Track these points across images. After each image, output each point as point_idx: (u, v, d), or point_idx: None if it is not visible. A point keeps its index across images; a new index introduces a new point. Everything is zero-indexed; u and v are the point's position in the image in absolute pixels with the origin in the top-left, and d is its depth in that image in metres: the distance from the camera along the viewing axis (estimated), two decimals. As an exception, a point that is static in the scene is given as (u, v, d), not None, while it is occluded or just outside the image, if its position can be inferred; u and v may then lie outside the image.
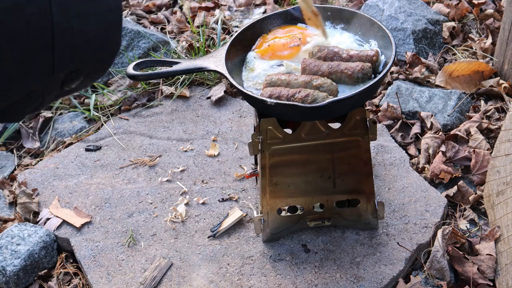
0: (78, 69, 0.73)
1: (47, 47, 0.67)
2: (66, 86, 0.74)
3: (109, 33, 0.75)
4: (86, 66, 0.74)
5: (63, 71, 0.71)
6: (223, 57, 1.78)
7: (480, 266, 1.89)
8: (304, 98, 1.62)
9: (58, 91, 0.75)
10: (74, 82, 0.75)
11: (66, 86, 0.74)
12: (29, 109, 0.75)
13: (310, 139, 1.81)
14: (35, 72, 0.69)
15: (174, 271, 1.96)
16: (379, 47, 1.83)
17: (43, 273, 2.04)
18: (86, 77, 0.76)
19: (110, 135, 2.52)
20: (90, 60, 0.75)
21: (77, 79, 0.75)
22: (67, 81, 0.74)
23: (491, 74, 2.64)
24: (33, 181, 2.33)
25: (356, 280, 1.86)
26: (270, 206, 1.89)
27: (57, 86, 0.73)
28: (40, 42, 0.67)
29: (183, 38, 3.03)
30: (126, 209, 2.18)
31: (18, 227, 2.10)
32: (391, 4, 2.94)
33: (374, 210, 1.94)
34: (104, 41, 0.75)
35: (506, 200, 1.99)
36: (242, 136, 2.46)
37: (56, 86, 0.73)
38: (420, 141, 2.36)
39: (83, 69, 0.74)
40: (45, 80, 0.70)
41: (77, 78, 0.75)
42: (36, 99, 0.73)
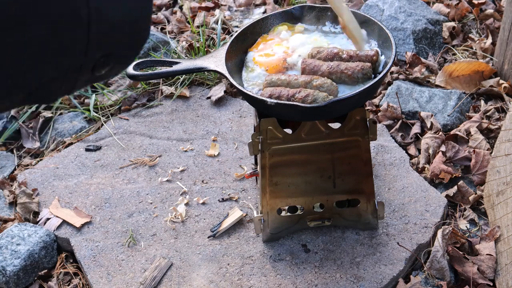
0: (109, 53, 0.75)
1: (83, 24, 0.69)
2: (97, 71, 0.76)
3: (140, 18, 0.77)
4: (117, 50, 0.76)
5: (97, 52, 0.73)
6: (223, 57, 1.78)
7: (480, 266, 1.89)
8: (304, 98, 1.62)
9: (90, 75, 0.76)
10: (105, 67, 0.77)
11: (97, 71, 0.76)
12: (62, 90, 0.77)
13: (310, 139, 1.81)
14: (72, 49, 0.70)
15: (174, 271, 1.96)
16: (379, 47, 1.83)
17: (43, 273, 2.04)
18: (116, 64, 0.78)
19: (110, 135, 2.52)
20: (121, 44, 0.77)
21: (108, 64, 0.77)
22: (98, 65, 0.75)
23: (491, 74, 2.64)
24: (33, 181, 2.33)
25: (356, 280, 1.86)
26: (270, 206, 1.90)
27: (89, 69, 0.75)
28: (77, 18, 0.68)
29: (183, 38, 3.03)
30: (126, 209, 2.18)
31: (18, 227, 2.10)
32: (391, 4, 2.94)
33: (374, 210, 1.94)
34: (135, 26, 0.77)
35: (506, 200, 1.99)
36: (242, 136, 2.46)
37: (88, 68, 0.75)
38: (420, 141, 2.36)
39: (114, 53, 0.76)
40: (80, 58, 0.72)
41: (108, 63, 0.76)
42: (70, 79, 0.75)
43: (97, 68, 0.76)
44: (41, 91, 0.75)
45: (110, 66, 0.78)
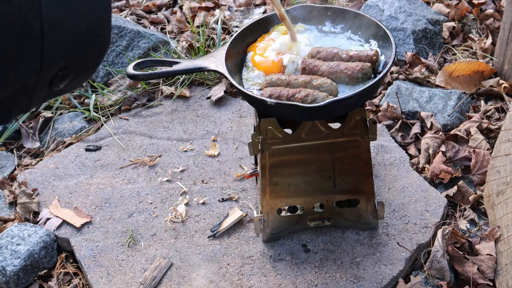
0: (67, 66, 0.71)
1: (36, 40, 0.65)
2: (55, 86, 0.73)
3: (99, 29, 0.73)
4: (75, 63, 0.73)
5: (53, 67, 0.70)
6: (223, 57, 1.78)
7: (480, 266, 1.89)
8: (304, 98, 1.62)
9: (47, 91, 0.73)
10: (63, 81, 0.73)
11: (54, 85, 0.72)
12: (17, 109, 0.73)
13: (310, 139, 1.81)
14: (24, 66, 0.67)
15: (174, 271, 1.96)
16: (379, 47, 1.83)
17: (43, 273, 2.04)
18: (75, 77, 0.75)
19: (110, 135, 2.52)
20: (79, 56, 0.73)
21: (66, 78, 0.73)
22: (56, 80, 0.72)
23: (491, 74, 2.64)
24: (33, 181, 2.33)
25: (356, 280, 1.86)
26: (270, 206, 1.89)
27: (46, 85, 0.71)
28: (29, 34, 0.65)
29: (183, 38, 3.03)
30: (126, 209, 2.18)
31: (18, 227, 2.10)
32: (391, 4, 2.94)
33: (374, 210, 1.94)
34: (93, 37, 0.73)
35: (506, 200, 1.99)
36: (242, 136, 2.46)
37: (45, 84, 0.71)
38: (420, 141, 2.36)
39: (72, 66, 0.72)
40: (34, 76, 0.68)
41: (66, 77, 0.73)
42: (24, 98, 0.71)
43: (55, 83, 0.72)
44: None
45: (70, 79, 0.74)
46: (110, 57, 2.84)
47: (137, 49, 2.87)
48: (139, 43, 2.88)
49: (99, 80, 2.81)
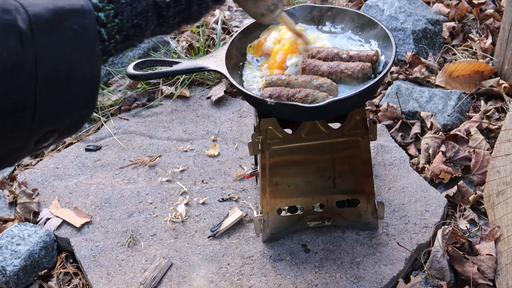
0: (53, 130, 0.78)
1: (29, 112, 0.72)
2: (39, 144, 0.79)
3: (87, 99, 0.80)
4: (61, 128, 0.79)
5: (40, 133, 0.76)
6: (223, 57, 1.78)
7: (480, 266, 1.89)
8: (304, 98, 1.62)
9: (32, 148, 0.79)
10: (48, 140, 0.80)
11: (39, 144, 0.79)
12: (5, 165, 0.80)
13: (310, 139, 1.81)
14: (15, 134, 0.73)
15: (174, 271, 1.96)
16: (379, 47, 1.83)
17: (43, 273, 2.04)
18: (59, 136, 0.81)
19: (110, 135, 2.52)
20: (65, 122, 0.79)
21: (51, 138, 0.80)
22: (41, 140, 0.78)
23: (491, 74, 2.64)
24: (33, 181, 2.33)
25: (356, 280, 1.86)
26: (270, 206, 1.90)
27: (32, 144, 0.78)
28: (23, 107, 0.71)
29: (183, 38, 3.03)
30: (126, 209, 2.18)
31: (18, 227, 2.10)
32: (391, 4, 2.94)
33: (374, 210, 1.94)
34: (81, 106, 0.80)
35: (506, 200, 1.99)
36: (242, 136, 2.46)
37: (31, 144, 0.78)
38: (420, 141, 2.36)
39: (58, 130, 0.79)
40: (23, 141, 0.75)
41: (51, 137, 0.79)
42: (12, 157, 0.78)
43: (40, 142, 0.79)
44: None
45: (54, 138, 0.80)
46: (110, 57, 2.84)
47: (137, 49, 2.87)
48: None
49: (99, 80, 2.81)
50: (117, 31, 0.85)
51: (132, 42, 0.90)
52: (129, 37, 0.88)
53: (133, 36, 0.89)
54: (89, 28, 0.77)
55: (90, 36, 0.77)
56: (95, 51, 0.78)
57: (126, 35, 0.87)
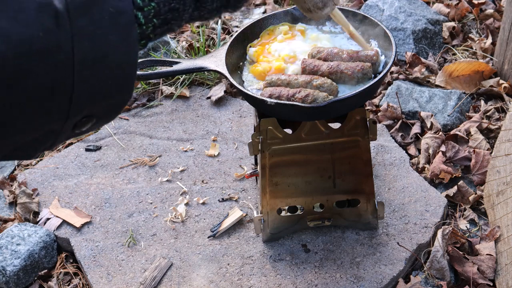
0: (91, 114, 0.78)
1: (66, 94, 0.72)
2: (77, 129, 0.79)
3: (124, 84, 0.79)
4: (98, 113, 0.79)
5: (77, 116, 0.76)
6: (223, 57, 1.78)
7: (480, 266, 1.89)
8: (304, 98, 1.62)
9: (70, 133, 0.79)
10: (86, 125, 0.79)
11: (77, 129, 0.79)
12: (42, 149, 0.79)
13: (310, 139, 1.81)
14: (53, 115, 0.73)
15: (174, 271, 1.96)
16: (379, 47, 1.82)
17: (43, 273, 2.04)
18: (97, 121, 0.81)
19: (110, 135, 2.52)
20: (102, 107, 0.79)
21: (89, 123, 0.79)
22: (79, 125, 0.78)
23: (491, 74, 2.64)
24: (33, 181, 2.33)
25: (356, 280, 1.86)
26: (270, 206, 1.89)
27: (69, 129, 0.77)
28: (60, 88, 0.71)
29: (183, 38, 3.03)
30: (126, 209, 2.18)
31: (18, 227, 2.10)
32: (391, 4, 2.94)
33: (374, 210, 1.94)
34: (118, 90, 0.79)
35: (506, 200, 1.99)
36: (242, 136, 2.46)
37: (68, 128, 0.77)
38: (420, 141, 2.36)
39: (95, 115, 0.79)
40: (60, 123, 0.75)
41: (88, 122, 0.79)
42: (49, 139, 0.78)
43: (77, 127, 0.78)
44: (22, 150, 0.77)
45: (92, 123, 0.80)
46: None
47: (137, 49, 2.86)
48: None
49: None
50: (154, 15, 0.84)
51: (170, 27, 0.89)
52: (167, 21, 0.87)
53: (171, 20, 0.88)
54: (125, 11, 0.76)
55: (126, 19, 0.76)
56: (132, 35, 0.77)
57: (164, 19, 0.86)
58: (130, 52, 0.77)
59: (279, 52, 1.82)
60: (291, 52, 1.81)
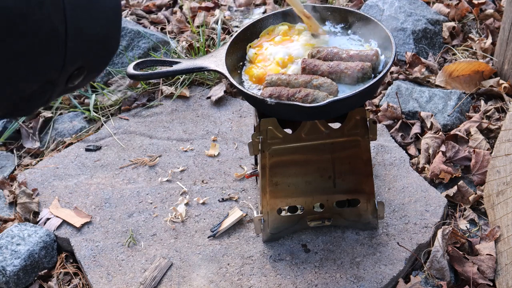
0: (83, 65, 0.80)
1: (61, 41, 0.74)
2: (70, 83, 0.81)
3: (111, 30, 0.83)
4: (89, 62, 0.82)
5: (73, 65, 0.79)
6: (223, 57, 1.78)
7: (480, 266, 1.89)
8: (304, 97, 1.62)
9: (64, 87, 0.81)
10: (78, 78, 0.82)
11: (70, 82, 0.81)
12: (39, 103, 0.82)
13: (310, 139, 1.81)
14: (51, 64, 0.76)
15: (174, 271, 1.96)
16: (379, 47, 1.83)
17: (43, 273, 2.04)
18: (88, 74, 0.83)
19: (110, 135, 2.52)
20: (94, 56, 0.82)
21: (81, 76, 0.82)
22: (72, 77, 0.81)
23: (491, 74, 2.64)
24: (33, 181, 2.33)
25: (356, 280, 1.86)
26: (270, 206, 1.89)
27: (64, 81, 0.80)
28: (56, 35, 0.74)
29: (183, 38, 3.03)
30: (126, 209, 2.18)
31: (18, 227, 2.10)
32: (391, 4, 2.94)
33: (374, 210, 1.94)
34: (107, 39, 0.83)
35: (506, 200, 1.99)
36: (242, 136, 2.46)
37: (63, 80, 0.80)
38: (420, 141, 2.36)
39: (86, 65, 0.81)
40: (57, 72, 0.77)
41: (80, 74, 0.81)
42: (47, 92, 0.80)
43: (70, 80, 0.81)
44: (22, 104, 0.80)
45: (83, 76, 0.82)
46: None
47: (137, 49, 2.87)
48: (139, 43, 2.88)
49: (99, 80, 2.81)
50: None
51: None
52: None
53: None
54: None
55: None
56: None
57: None
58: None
59: (274, 56, 1.82)
60: (286, 55, 1.82)
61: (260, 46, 1.89)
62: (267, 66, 1.80)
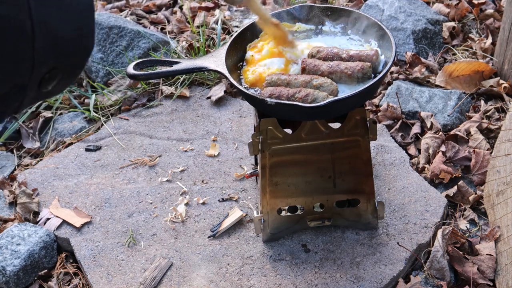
0: (55, 67, 0.75)
1: (28, 39, 0.69)
2: (44, 87, 0.76)
3: (84, 29, 0.77)
4: (62, 64, 0.77)
5: (43, 67, 0.73)
6: (224, 57, 1.78)
7: (480, 266, 1.89)
8: (304, 97, 1.62)
9: (36, 92, 0.76)
10: (51, 82, 0.77)
11: (43, 86, 0.76)
12: (10, 109, 0.77)
13: (310, 139, 1.81)
14: (18, 65, 0.71)
15: (174, 271, 1.96)
16: (379, 47, 1.83)
17: (43, 273, 2.04)
18: (62, 78, 0.78)
19: (110, 135, 2.52)
20: (67, 57, 0.77)
21: (54, 79, 0.77)
22: (45, 81, 0.76)
23: (491, 74, 2.64)
24: (33, 181, 2.33)
25: (356, 280, 1.86)
26: (270, 206, 1.89)
27: (36, 85, 0.75)
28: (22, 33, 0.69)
29: (183, 38, 3.03)
30: (126, 209, 2.18)
31: (18, 227, 2.10)
32: (391, 4, 2.94)
33: (374, 210, 1.94)
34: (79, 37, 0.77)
35: (506, 200, 1.99)
36: (242, 136, 2.46)
37: (35, 84, 0.75)
38: (420, 141, 2.36)
39: (60, 67, 0.76)
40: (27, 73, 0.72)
41: (54, 78, 0.77)
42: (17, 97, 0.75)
43: (43, 84, 0.76)
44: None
45: (57, 80, 0.77)
46: (110, 57, 2.84)
47: (137, 49, 2.87)
48: (139, 43, 2.88)
49: (99, 80, 2.81)
50: None
51: None
52: None
53: None
54: None
55: None
56: None
57: None
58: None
59: (269, 66, 1.82)
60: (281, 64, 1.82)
61: (259, 50, 1.89)
62: (262, 74, 1.80)
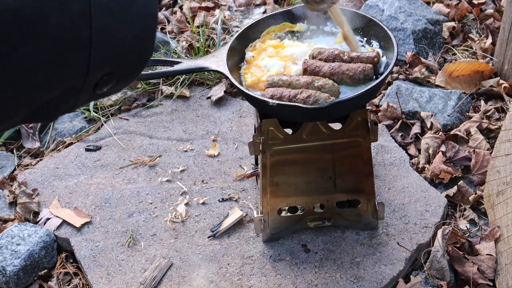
0: (111, 72, 0.75)
1: (85, 47, 0.70)
2: (98, 90, 0.77)
3: (144, 38, 0.77)
4: (118, 70, 0.77)
5: (98, 73, 0.74)
6: (225, 57, 1.78)
7: (480, 266, 1.90)
8: (306, 99, 1.62)
9: (91, 94, 0.77)
10: (106, 85, 0.77)
11: (98, 89, 0.76)
12: (63, 109, 0.78)
13: (311, 140, 1.81)
14: (72, 71, 0.71)
15: (174, 271, 1.96)
16: (381, 48, 1.83)
17: (43, 273, 2.04)
18: (118, 82, 0.79)
19: (110, 135, 2.52)
20: (123, 64, 0.77)
21: (109, 83, 0.77)
22: (100, 84, 0.76)
23: (491, 74, 2.64)
24: (33, 181, 2.33)
25: (356, 280, 1.86)
26: (270, 206, 1.90)
27: (90, 88, 0.75)
28: (79, 42, 0.69)
29: (183, 38, 3.03)
30: (126, 209, 2.18)
31: (18, 227, 2.10)
32: (391, 4, 2.94)
33: (374, 210, 1.94)
34: (138, 46, 0.77)
35: (506, 200, 1.99)
36: (242, 136, 2.46)
37: (89, 87, 0.75)
38: (420, 141, 2.36)
39: (116, 72, 0.76)
40: (80, 79, 0.73)
41: (109, 82, 0.77)
42: (70, 99, 0.76)
43: (98, 87, 0.76)
44: (42, 111, 0.75)
45: (113, 84, 0.78)
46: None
47: (137, 48, 2.86)
48: (139, 42, 2.88)
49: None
50: None
51: None
52: None
53: None
54: None
55: None
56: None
57: None
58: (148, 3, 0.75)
59: (269, 68, 1.82)
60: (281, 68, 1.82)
61: (258, 51, 1.89)
62: (261, 77, 1.80)
